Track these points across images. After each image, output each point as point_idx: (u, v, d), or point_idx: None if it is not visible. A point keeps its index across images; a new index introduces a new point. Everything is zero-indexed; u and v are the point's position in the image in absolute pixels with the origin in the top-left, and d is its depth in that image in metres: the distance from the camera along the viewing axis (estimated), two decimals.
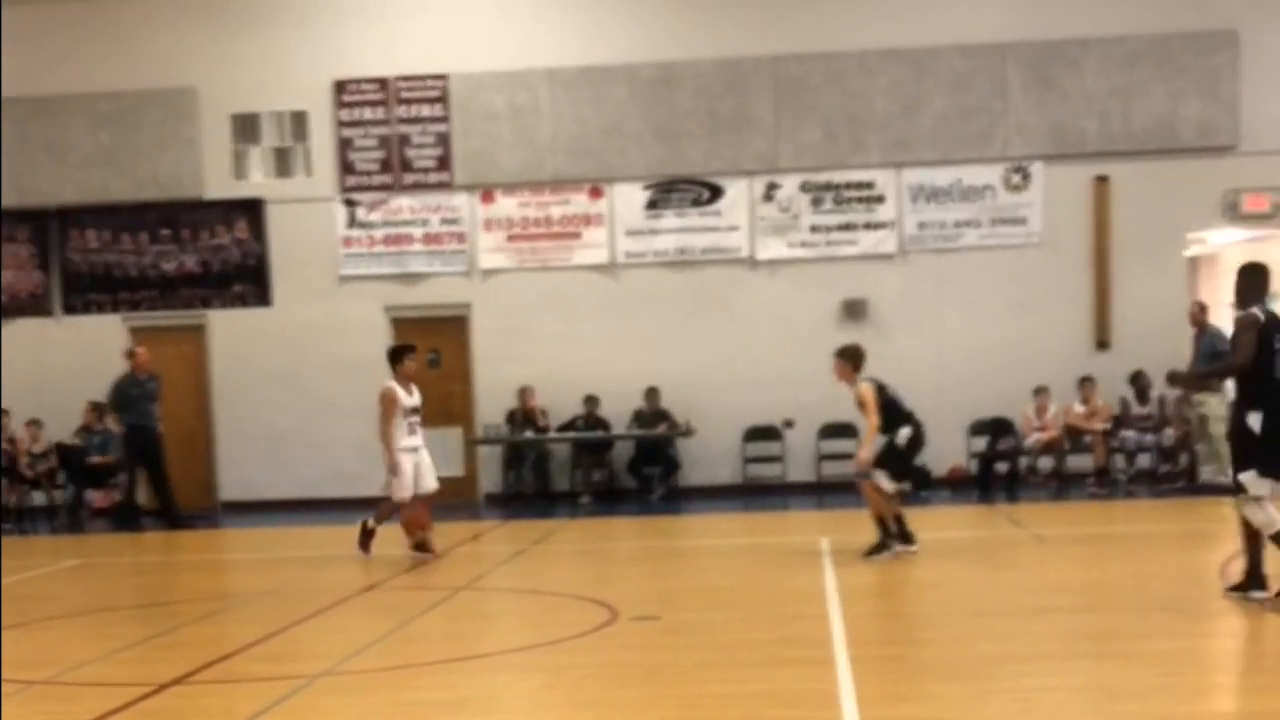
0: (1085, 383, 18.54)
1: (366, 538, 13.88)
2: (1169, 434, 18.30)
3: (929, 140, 19.38)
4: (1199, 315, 17.90)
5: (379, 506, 14.00)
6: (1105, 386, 18.60)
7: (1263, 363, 9.57)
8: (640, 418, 19.38)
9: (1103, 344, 19.14)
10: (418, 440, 13.73)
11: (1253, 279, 9.97)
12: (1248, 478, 9.64)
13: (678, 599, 10.90)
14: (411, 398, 13.64)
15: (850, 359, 12.67)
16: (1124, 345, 18.91)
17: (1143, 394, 18.46)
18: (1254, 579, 9.85)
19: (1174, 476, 18.18)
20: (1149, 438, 18.42)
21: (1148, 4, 19.03)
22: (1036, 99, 19.23)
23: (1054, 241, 19.23)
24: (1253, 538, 9.85)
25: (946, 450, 18.81)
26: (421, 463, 13.75)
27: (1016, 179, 19.33)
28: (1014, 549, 13.35)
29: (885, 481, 12.45)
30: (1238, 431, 9.74)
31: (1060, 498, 17.60)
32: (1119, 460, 18.57)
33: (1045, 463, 18.68)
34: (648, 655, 8.79)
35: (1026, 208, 19.36)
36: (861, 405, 12.48)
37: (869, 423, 12.44)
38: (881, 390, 12.55)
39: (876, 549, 12.43)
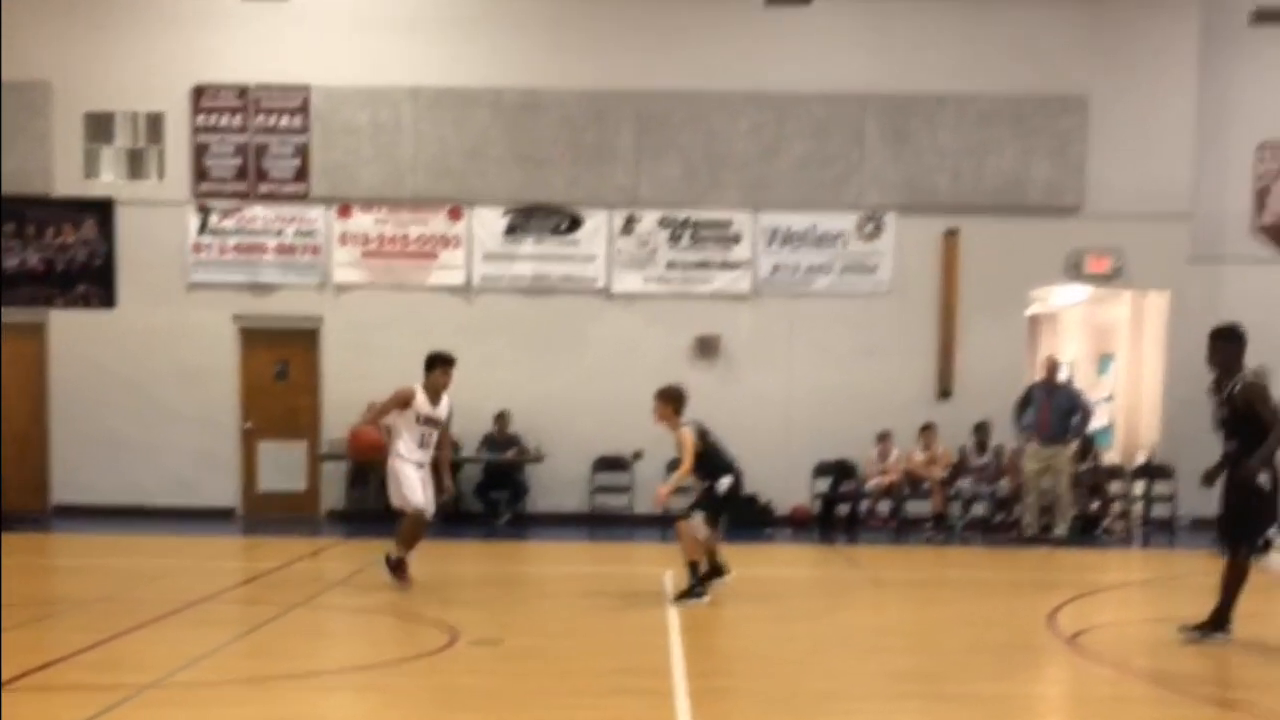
0: (926, 430, 18.93)
1: (399, 568, 12.81)
2: (1004, 485, 18.73)
3: (787, 184, 19.64)
4: (1054, 371, 18.40)
5: (398, 531, 12.97)
6: (945, 435, 19.00)
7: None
8: (489, 441, 19.30)
9: (945, 393, 19.55)
10: (424, 455, 12.88)
11: (1238, 344, 10.29)
12: (1274, 532, 9.98)
13: (519, 624, 10.87)
14: (434, 408, 12.90)
15: (671, 401, 12.28)
16: (965, 395, 19.36)
17: (982, 445, 18.89)
18: (1220, 621, 10.26)
19: (1007, 526, 18.60)
20: (985, 487, 18.83)
21: (1002, 66, 19.52)
22: (892, 151, 19.62)
23: (903, 291, 19.61)
24: (1234, 584, 10.20)
25: (790, 490, 19.13)
26: (425, 479, 12.86)
27: (869, 228, 19.68)
28: (851, 589, 13.53)
29: (700, 524, 12.10)
30: (1249, 491, 9.97)
31: (898, 541, 17.89)
32: (955, 507, 18.94)
33: (885, 506, 19.02)
34: (486, 680, 8.75)
35: (878, 256, 19.71)
36: (680, 448, 12.16)
37: (683, 465, 12.09)
38: (704, 436, 12.26)
39: (686, 594, 12.03)
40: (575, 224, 19.69)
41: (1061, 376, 18.91)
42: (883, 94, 19.54)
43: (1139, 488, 19.62)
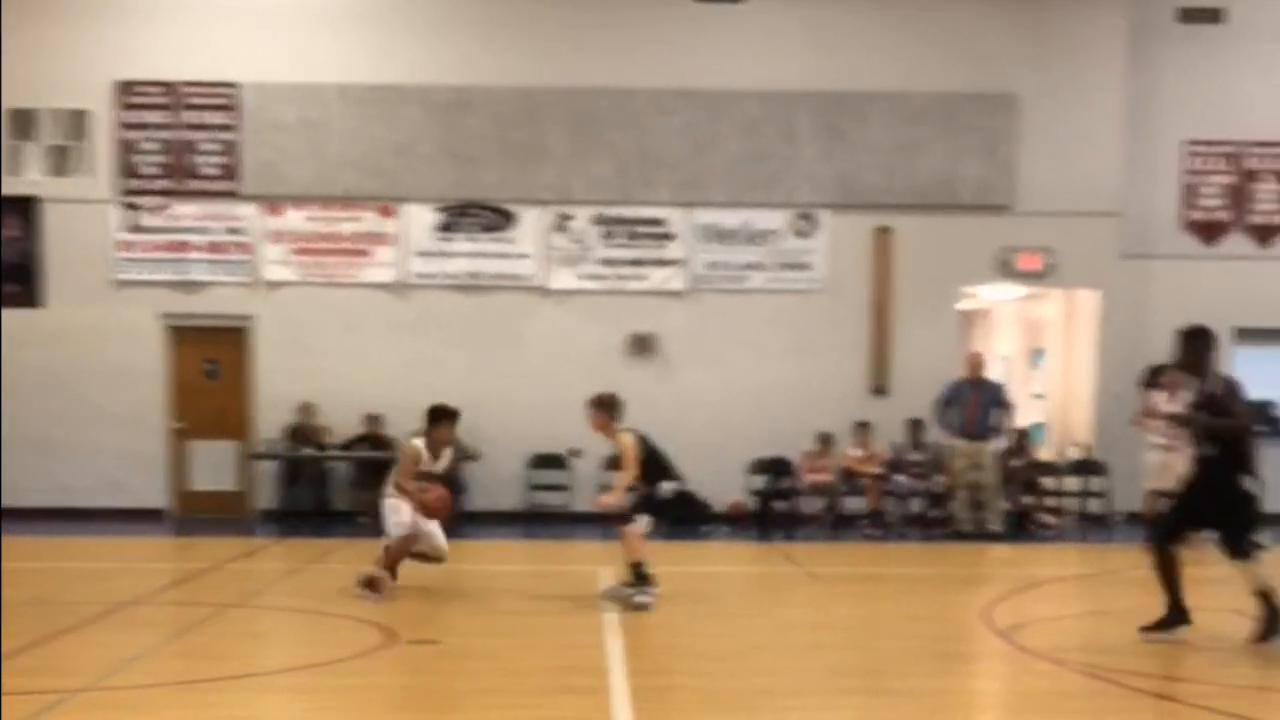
0: (862, 427, 18.97)
1: (375, 584, 12.21)
2: (939, 481, 18.81)
3: (720, 182, 19.61)
4: (979, 367, 18.53)
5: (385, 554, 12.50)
6: (881, 431, 19.06)
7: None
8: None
9: (879, 390, 19.61)
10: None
11: (1206, 344, 10.17)
12: (1264, 538, 10.01)
13: (457, 624, 10.82)
14: (434, 463, 12.69)
15: (606, 408, 12.11)
16: (900, 392, 19.39)
17: (917, 441, 18.97)
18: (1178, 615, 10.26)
19: (943, 522, 18.67)
20: (920, 484, 18.92)
21: (933, 63, 19.59)
22: (825, 148, 19.65)
23: (837, 288, 19.66)
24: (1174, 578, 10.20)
25: (727, 487, 19.09)
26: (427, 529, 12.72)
27: (803, 225, 19.71)
28: (789, 586, 13.55)
29: (645, 526, 11.91)
30: (1235, 496, 9.90)
31: (835, 538, 17.92)
32: (891, 504, 19.00)
33: (820, 503, 19.02)
34: (424, 680, 8.69)
35: (811, 254, 19.74)
36: (622, 455, 11.99)
37: (625, 473, 11.92)
38: (643, 442, 12.08)
39: (624, 588, 11.86)
40: (509, 221, 19.60)
41: (988, 373, 19.05)
42: (815, 91, 19.56)
43: (1072, 483, 19.79)
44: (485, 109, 19.43)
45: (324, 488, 19.29)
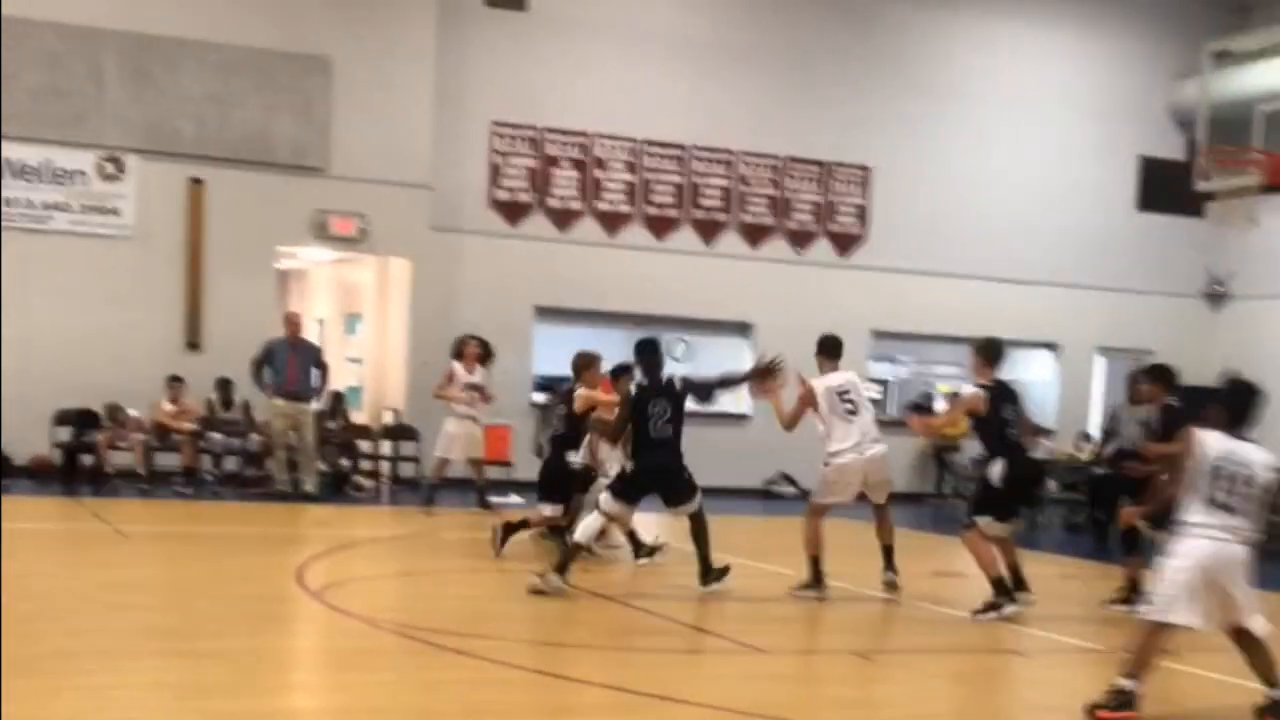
0: (175, 382, 18.40)
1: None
2: (255, 439, 18.64)
3: (20, 116, 18.33)
4: (298, 326, 18.53)
5: None
6: (196, 388, 18.60)
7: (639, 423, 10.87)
8: None
9: (193, 345, 19.14)
10: None
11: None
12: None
13: None
14: None
15: None
16: (214, 348, 19.03)
17: (227, 400, 18.73)
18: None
19: (259, 481, 18.47)
20: (236, 442, 18.68)
21: (245, 17, 19.36)
22: (133, 91, 18.93)
23: (148, 237, 19.00)
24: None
25: (29, 439, 18.01)
26: None
27: (110, 169, 18.95)
28: (96, 544, 13.11)
29: None
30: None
31: (147, 495, 17.25)
32: (207, 461, 18.62)
33: (132, 458, 18.22)
34: None
35: (120, 199, 19.02)
36: None
37: None
38: None
39: None
40: None
41: (305, 334, 19.10)
42: (121, 31, 18.85)
43: (386, 447, 20.24)
44: None
45: None
